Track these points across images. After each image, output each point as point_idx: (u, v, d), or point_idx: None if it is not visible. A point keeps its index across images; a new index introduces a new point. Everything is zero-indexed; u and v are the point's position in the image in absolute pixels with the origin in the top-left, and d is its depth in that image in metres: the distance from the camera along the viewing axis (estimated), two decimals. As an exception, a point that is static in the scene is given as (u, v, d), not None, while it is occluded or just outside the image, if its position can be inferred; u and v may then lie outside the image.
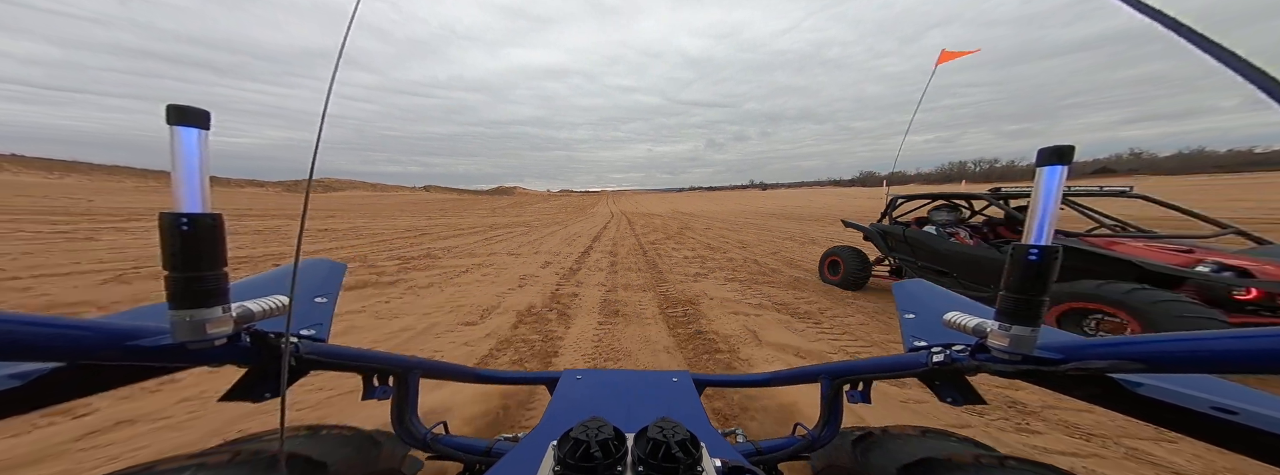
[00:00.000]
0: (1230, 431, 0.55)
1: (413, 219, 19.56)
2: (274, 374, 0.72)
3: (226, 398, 0.72)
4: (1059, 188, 0.54)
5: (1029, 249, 0.56)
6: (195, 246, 0.50)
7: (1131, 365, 0.53)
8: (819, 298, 5.23)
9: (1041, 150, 0.53)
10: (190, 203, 0.49)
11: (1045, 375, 0.64)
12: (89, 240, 8.61)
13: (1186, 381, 0.63)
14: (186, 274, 0.50)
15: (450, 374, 1.24)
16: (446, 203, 46.64)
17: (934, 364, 0.78)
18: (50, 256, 6.69)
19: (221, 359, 0.61)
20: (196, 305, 0.51)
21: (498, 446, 1.12)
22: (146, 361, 0.56)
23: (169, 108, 0.47)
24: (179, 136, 0.47)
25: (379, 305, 4.65)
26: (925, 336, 0.96)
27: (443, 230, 14.43)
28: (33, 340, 0.46)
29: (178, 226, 0.49)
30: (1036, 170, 0.54)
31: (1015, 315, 0.58)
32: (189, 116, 0.47)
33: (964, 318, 0.73)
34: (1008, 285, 0.59)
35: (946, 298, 1.18)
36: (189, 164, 0.48)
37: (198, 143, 0.48)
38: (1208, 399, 0.58)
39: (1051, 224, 0.55)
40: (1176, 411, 0.59)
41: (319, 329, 0.89)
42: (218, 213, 0.51)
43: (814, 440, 1.11)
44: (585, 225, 18.05)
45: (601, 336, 3.71)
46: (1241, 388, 0.62)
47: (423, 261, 7.74)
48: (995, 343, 0.62)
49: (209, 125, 0.48)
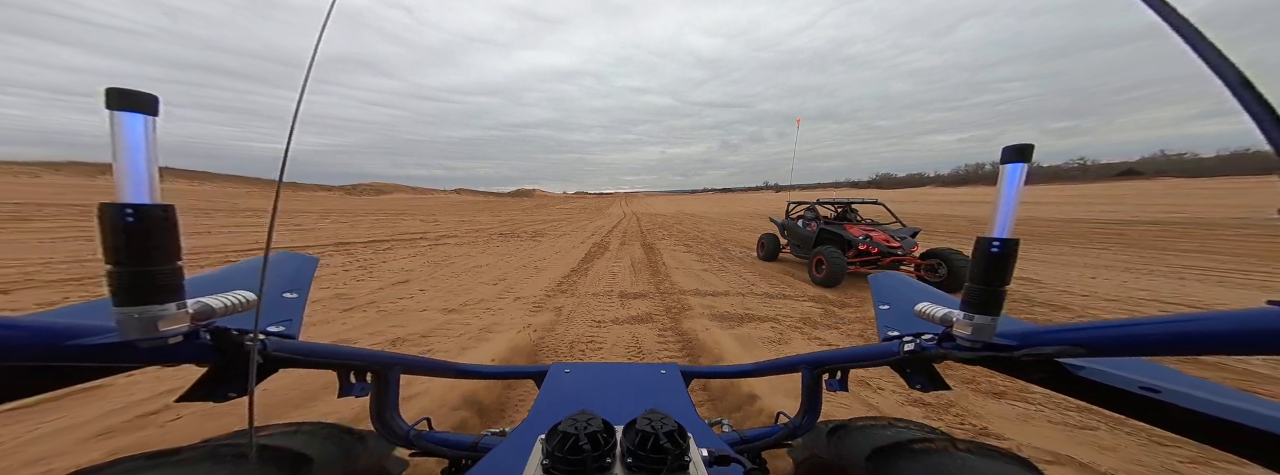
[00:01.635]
0: (1154, 409, 0.58)
1: (491, 217, 26.28)
2: (238, 373, 0.68)
3: (184, 398, 0.68)
4: (1020, 183, 0.57)
5: (991, 241, 0.58)
6: (143, 239, 0.47)
7: (1076, 350, 0.55)
8: (711, 250, 11.96)
9: (1006, 148, 0.56)
10: (135, 193, 0.46)
11: (1002, 361, 0.67)
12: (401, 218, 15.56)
13: (1121, 364, 0.67)
14: (133, 268, 0.48)
15: (433, 370, 1.23)
16: (485, 204, 50.82)
17: (905, 352, 0.81)
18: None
19: (177, 358, 0.58)
20: (145, 301, 0.49)
21: (484, 441, 1.13)
22: (91, 361, 0.53)
23: (108, 91, 0.44)
24: (121, 122, 0.44)
25: (539, 245, 11.81)
26: (898, 327, 0.98)
27: (521, 223, 21.58)
28: None
29: (121, 218, 0.46)
30: (1000, 168, 0.57)
31: (978, 305, 0.61)
32: (133, 101, 0.44)
33: (933, 308, 0.76)
34: (972, 276, 0.62)
35: (919, 289, 1.19)
36: (133, 151, 0.45)
37: (144, 129, 0.45)
38: (1137, 379, 0.61)
39: (1013, 218, 0.58)
40: (1111, 392, 0.62)
41: (289, 325, 0.87)
42: (169, 204, 0.49)
43: (795, 428, 1.16)
44: (605, 221, 24.78)
45: (621, 247, 10.99)
46: (1169, 369, 0.68)
47: (539, 231, 15.27)
48: (960, 331, 0.65)
49: (157, 111, 0.46)
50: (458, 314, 4.75)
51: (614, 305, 5.25)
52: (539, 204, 60.67)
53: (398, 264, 7.98)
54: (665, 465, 0.58)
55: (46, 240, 8.66)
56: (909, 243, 6.81)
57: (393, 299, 5.32)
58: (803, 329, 4.32)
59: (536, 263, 8.63)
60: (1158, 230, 13.44)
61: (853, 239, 6.93)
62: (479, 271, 7.49)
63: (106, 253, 0.47)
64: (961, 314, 0.64)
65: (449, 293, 5.79)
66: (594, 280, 6.91)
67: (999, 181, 0.57)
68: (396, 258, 8.78)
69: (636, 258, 9.63)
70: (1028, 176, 0.57)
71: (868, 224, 7.80)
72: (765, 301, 5.46)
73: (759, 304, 5.31)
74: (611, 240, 13.34)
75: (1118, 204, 27.24)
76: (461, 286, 6.21)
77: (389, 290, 5.79)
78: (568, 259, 9.25)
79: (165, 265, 0.49)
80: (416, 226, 16.87)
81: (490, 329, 4.16)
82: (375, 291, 5.67)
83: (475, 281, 6.60)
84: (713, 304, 5.24)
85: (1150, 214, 19.13)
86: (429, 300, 5.33)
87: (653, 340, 3.93)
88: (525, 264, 8.43)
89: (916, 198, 50.24)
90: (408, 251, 9.74)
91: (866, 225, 7.66)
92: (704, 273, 7.56)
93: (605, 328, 4.33)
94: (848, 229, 7.27)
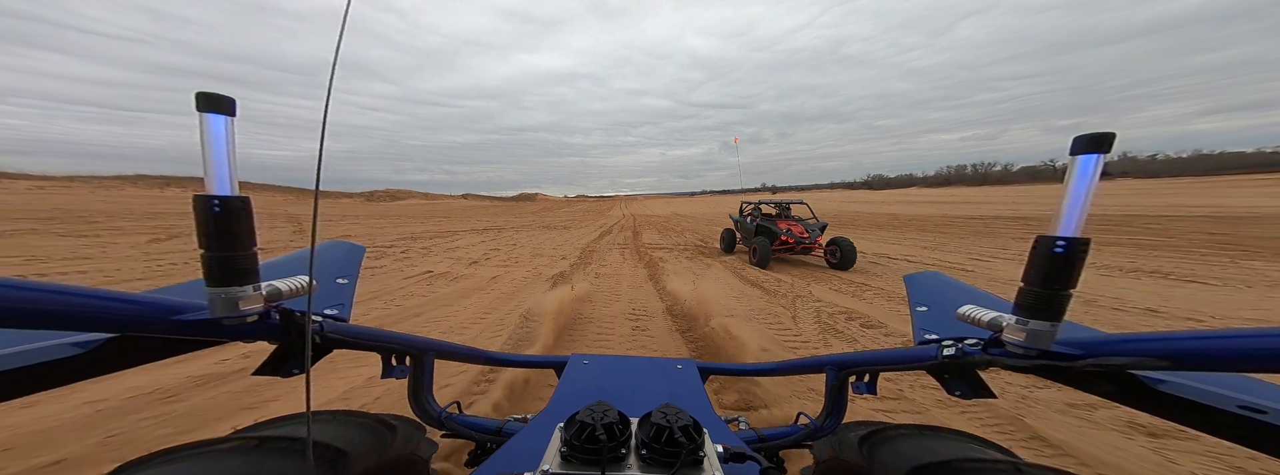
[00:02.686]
0: (1259, 431, 0.53)
1: (516, 219, 31.96)
2: (301, 351, 0.72)
3: (258, 372, 0.75)
4: (1095, 176, 0.52)
5: (1055, 241, 0.54)
6: (227, 227, 0.53)
7: (1155, 363, 0.50)
8: (675, 240, 18.61)
9: (1077, 138, 0.51)
10: (220, 186, 0.51)
11: (1061, 371, 0.62)
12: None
13: (1211, 379, 0.60)
14: (221, 253, 0.53)
15: (464, 356, 1.29)
16: (495, 208, 54.05)
17: (944, 357, 0.77)
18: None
19: (253, 335, 0.64)
20: (230, 283, 0.55)
21: (508, 426, 1.18)
22: (188, 335, 0.59)
23: (198, 95, 0.48)
24: (208, 123, 0.49)
25: (570, 231, 18.81)
26: (937, 329, 0.94)
27: (545, 220, 28.03)
28: (92, 312, 0.49)
29: (210, 208, 0.51)
30: (1071, 159, 0.52)
31: (1035, 310, 0.57)
32: (217, 104, 0.49)
33: (980, 311, 0.71)
34: (1028, 278, 0.57)
35: (961, 291, 1.14)
36: (218, 149, 0.50)
37: (225, 128, 0.50)
38: (1234, 397, 0.55)
39: (1083, 215, 0.53)
40: (1201, 410, 0.57)
41: (341, 309, 0.91)
42: (245, 195, 0.53)
43: (816, 429, 1.14)
44: (607, 220, 29.28)
45: (620, 232, 18.18)
46: (1271, 386, 0.60)
47: (565, 225, 21.98)
48: (1011, 337, 0.61)
49: (235, 112, 0.50)
50: (556, 250, 11.80)
51: (617, 247, 12.33)
52: (543, 207, 65.46)
53: (516, 238, 14.86)
54: (679, 459, 0.59)
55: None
56: (816, 233, 9.08)
57: (526, 246, 12.42)
58: (680, 250, 11.39)
59: (574, 240, 15.20)
60: (947, 222, 18.62)
61: (779, 232, 8.99)
62: (549, 240, 14.48)
63: (200, 239, 0.52)
64: (1013, 318, 0.61)
65: (546, 246, 12.77)
66: (608, 243, 13.83)
67: (1068, 174, 0.53)
68: (514, 237, 15.49)
69: (628, 237, 16.43)
70: (1102, 170, 0.51)
71: (794, 220, 10.01)
72: (669, 245, 12.43)
73: (669, 242, 12.40)
74: (613, 229, 20.06)
75: (964, 203, 32.91)
76: (549, 242, 13.37)
77: (527, 246, 12.74)
78: (591, 236, 16.28)
79: (244, 251, 0.55)
80: (482, 223, 22.50)
81: (567, 253, 11.05)
82: (516, 247, 12.63)
83: (550, 243, 13.57)
84: (659, 242, 12.35)
85: (964, 211, 25.08)
86: (537, 248, 12.25)
87: (630, 249, 10.96)
88: (567, 240, 15.06)
89: (883, 199, 54.73)
90: (512, 233, 16.86)
91: (793, 221, 9.84)
92: (662, 240, 14.57)
93: (612, 250, 11.31)
94: (778, 224, 9.43)
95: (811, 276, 7.68)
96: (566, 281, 7.00)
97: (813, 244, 8.96)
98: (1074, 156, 0.52)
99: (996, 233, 13.98)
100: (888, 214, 26.51)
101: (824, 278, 7.56)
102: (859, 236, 12.57)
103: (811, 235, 9.01)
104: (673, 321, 4.83)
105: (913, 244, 12.11)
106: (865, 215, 25.63)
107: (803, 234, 9.03)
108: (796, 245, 8.97)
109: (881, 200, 52.50)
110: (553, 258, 10.35)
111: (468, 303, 5.75)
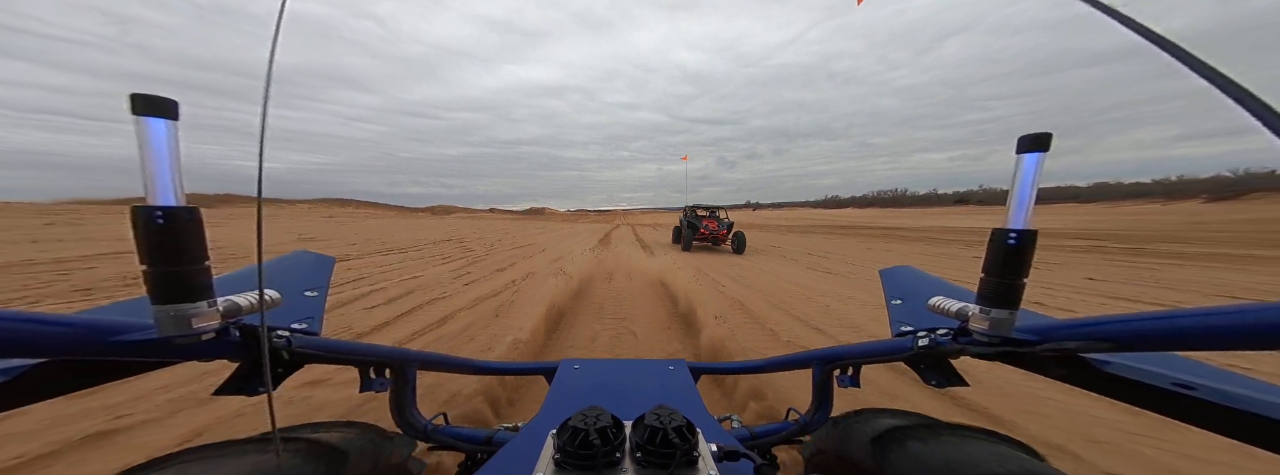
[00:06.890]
0: (1189, 406, 0.57)
1: (567, 224, 44.43)
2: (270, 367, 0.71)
3: (220, 392, 0.71)
4: (1037, 173, 0.55)
5: (1008, 233, 0.57)
6: (173, 240, 0.49)
7: (1102, 345, 0.54)
8: (647, 240, 29.92)
9: (1022, 137, 0.55)
10: (163, 195, 0.47)
11: (1022, 356, 0.65)
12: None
13: (1149, 359, 0.65)
14: (166, 268, 0.49)
15: (448, 366, 1.25)
16: (507, 221, 55.62)
17: (919, 348, 0.79)
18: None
19: (210, 354, 0.61)
20: (180, 299, 0.51)
21: (498, 436, 1.15)
22: (133, 356, 0.55)
23: (134, 97, 0.44)
24: (146, 127, 0.45)
25: (599, 225, 32.85)
26: (911, 322, 0.97)
27: (579, 225, 40.20)
28: (11, 336, 0.45)
29: (152, 220, 0.47)
30: (1017, 157, 0.56)
31: (995, 299, 0.60)
32: (156, 106, 0.45)
33: (948, 302, 0.73)
34: (987, 269, 0.60)
35: (931, 283, 1.17)
36: (159, 155, 0.46)
37: (167, 133, 0.46)
38: (1168, 375, 0.59)
39: (1030, 209, 0.56)
40: (1141, 388, 0.60)
41: (311, 322, 0.88)
42: (194, 207, 0.49)
43: (806, 424, 1.15)
44: (613, 231, 42.12)
45: (622, 232, 31.15)
46: (1200, 364, 0.66)
47: (597, 227, 35.69)
48: (976, 326, 0.64)
49: (177, 115, 0.47)
50: (599, 230, 25.87)
51: (628, 236, 25.04)
52: (563, 219, 73.63)
53: (583, 228, 28.10)
54: (674, 460, 0.59)
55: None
56: (723, 227, 13.05)
57: (596, 229, 26.98)
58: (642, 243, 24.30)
59: (603, 229, 27.81)
60: (819, 228, 31.81)
61: (700, 226, 13.30)
62: (589, 232, 27.53)
63: (141, 253, 0.48)
64: (977, 308, 0.63)
65: (585, 236, 25.11)
66: (617, 236, 26.20)
67: (1014, 172, 0.56)
68: (588, 227, 28.53)
69: (631, 232, 28.89)
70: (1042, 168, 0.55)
71: (715, 219, 14.27)
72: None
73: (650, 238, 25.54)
74: (620, 227, 32.16)
75: (841, 219, 47.16)
76: (587, 230, 27.22)
77: (591, 229, 26.36)
78: (611, 227, 29.45)
79: (194, 265, 0.51)
80: (554, 224, 33.88)
81: (591, 237, 23.87)
82: (592, 229, 26.97)
83: (588, 232, 26.87)
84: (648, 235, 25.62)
85: (838, 222, 38.36)
86: (593, 230, 26.30)
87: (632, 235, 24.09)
88: (599, 228, 27.98)
89: (813, 215, 68.47)
90: (583, 224, 30.77)
91: (713, 220, 13.98)
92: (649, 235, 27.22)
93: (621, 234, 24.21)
94: (703, 222, 13.65)
95: (715, 255, 12.29)
96: (608, 241, 18.92)
97: (720, 235, 13.06)
98: (1019, 155, 0.56)
99: (834, 233, 24.22)
100: (789, 223, 38.32)
101: (722, 256, 12.10)
102: (757, 234, 22.34)
103: (721, 228, 13.17)
104: (643, 250, 15.25)
105: (788, 239, 19.32)
106: (782, 224, 37.29)
107: (717, 229, 13.12)
108: (710, 236, 13.25)
109: (811, 216, 66.61)
110: (598, 232, 23.29)
111: (592, 233, 19.11)
